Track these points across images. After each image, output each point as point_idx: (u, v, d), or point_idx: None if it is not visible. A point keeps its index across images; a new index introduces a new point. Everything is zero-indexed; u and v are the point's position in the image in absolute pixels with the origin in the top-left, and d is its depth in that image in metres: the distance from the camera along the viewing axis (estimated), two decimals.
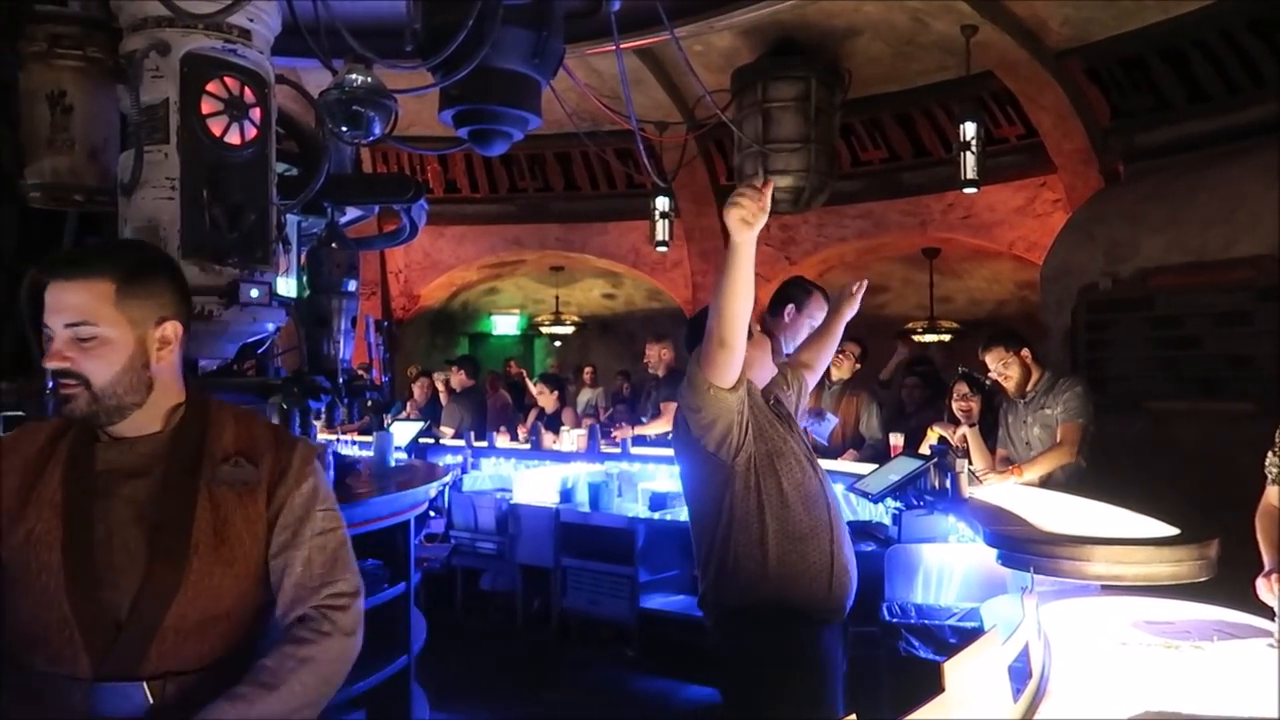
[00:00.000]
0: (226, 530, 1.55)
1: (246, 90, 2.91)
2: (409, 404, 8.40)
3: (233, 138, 2.89)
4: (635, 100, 5.36)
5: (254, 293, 2.88)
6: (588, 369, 10.06)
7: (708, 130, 8.02)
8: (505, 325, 13.62)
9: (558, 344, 13.33)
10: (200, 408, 1.63)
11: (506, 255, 11.32)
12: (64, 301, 1.49)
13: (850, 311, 3.10)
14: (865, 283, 3.10)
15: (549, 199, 10.50)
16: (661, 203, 8.66)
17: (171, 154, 2.80)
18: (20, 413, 2.77)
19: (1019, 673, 1.70)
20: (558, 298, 12.66)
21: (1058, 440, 4.14)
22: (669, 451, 6.05)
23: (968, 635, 2.81)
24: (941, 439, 4.38)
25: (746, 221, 2.18)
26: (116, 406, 1.52)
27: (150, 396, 1.56)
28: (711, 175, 9.56)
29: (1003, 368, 4.28)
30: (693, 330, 2.64)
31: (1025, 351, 4.32)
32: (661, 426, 6.44)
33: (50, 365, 1.49)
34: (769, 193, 2.20)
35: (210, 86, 2.84)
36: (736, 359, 2.33)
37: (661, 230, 8.70)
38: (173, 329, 1.58)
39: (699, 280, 10.20)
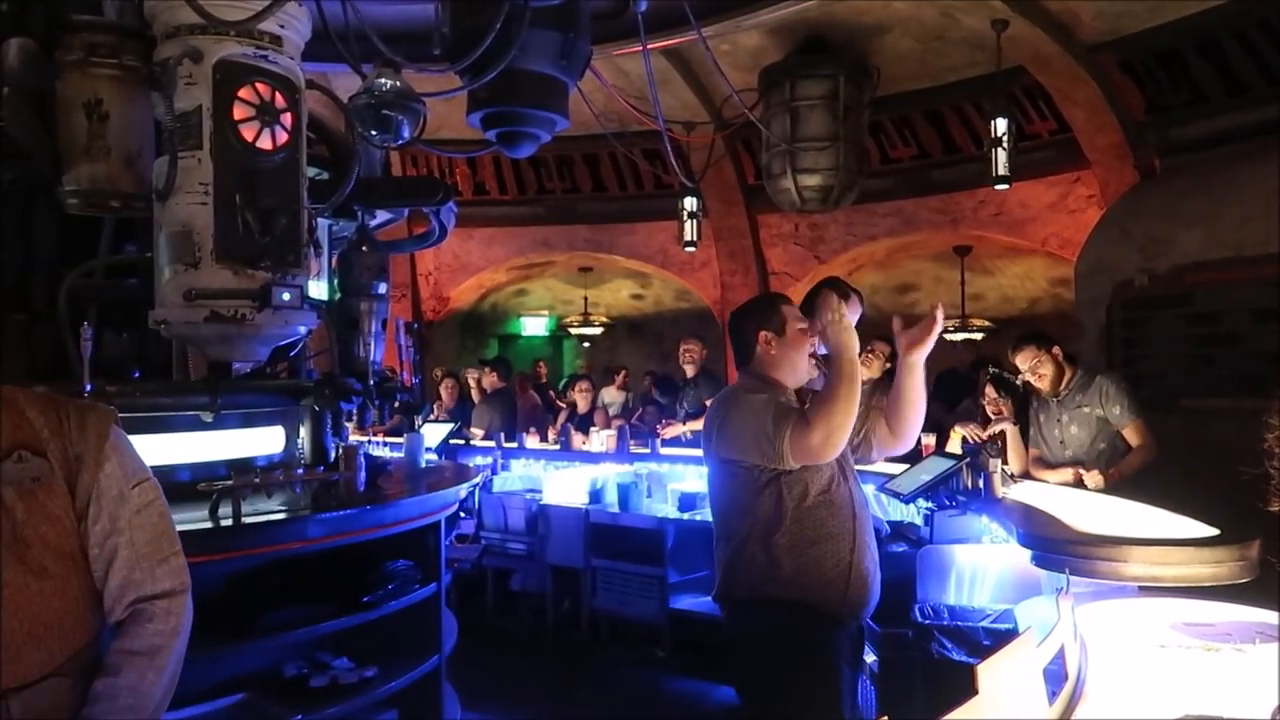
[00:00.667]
0: (27, 535, 1.43)
1: (278, 95, 2.95)
2: (436, 406, 8.45)
3: (264, 143, 2.92)
4: (662, 100, 5.35)
5: (285, 296, 2.91)
6: (621, 372, 10.05)
7: (735, 130, 8.00)
8: (534, 326, 13.67)
9: (586, 345, 13.35)
10: None
11: (535, 257, 11.36)
12: None
13: (929, 343, 2.69)
14: (941, 308, 2.77)
15: (577, 200, 10.52)
16: (689, 203, 8.64)
17: (205, 159, 2.84)
18: None
19: (1054, 675, 1.67)
20: (586, 298, 12.68)
21: (1132, 441, 4.15)
22: (698, 452, 6.03)
23: (1001, 637, 2.77)
24: (965, 439, 4.34)
25: (849, 329, 2.49)
26: None
27: None
28: (739, 174, 9.53)
29: (1036, 366, 4.24)
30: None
31: (1056, 350, 4.27)
32: (688, 427, 6.45)
33: None
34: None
35: (242, 92, 2.88)
36: (823, 456, 2.45)
37: (690, 230, 8.68)
38: None
39: (727, 280, 10.18)
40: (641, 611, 5.49)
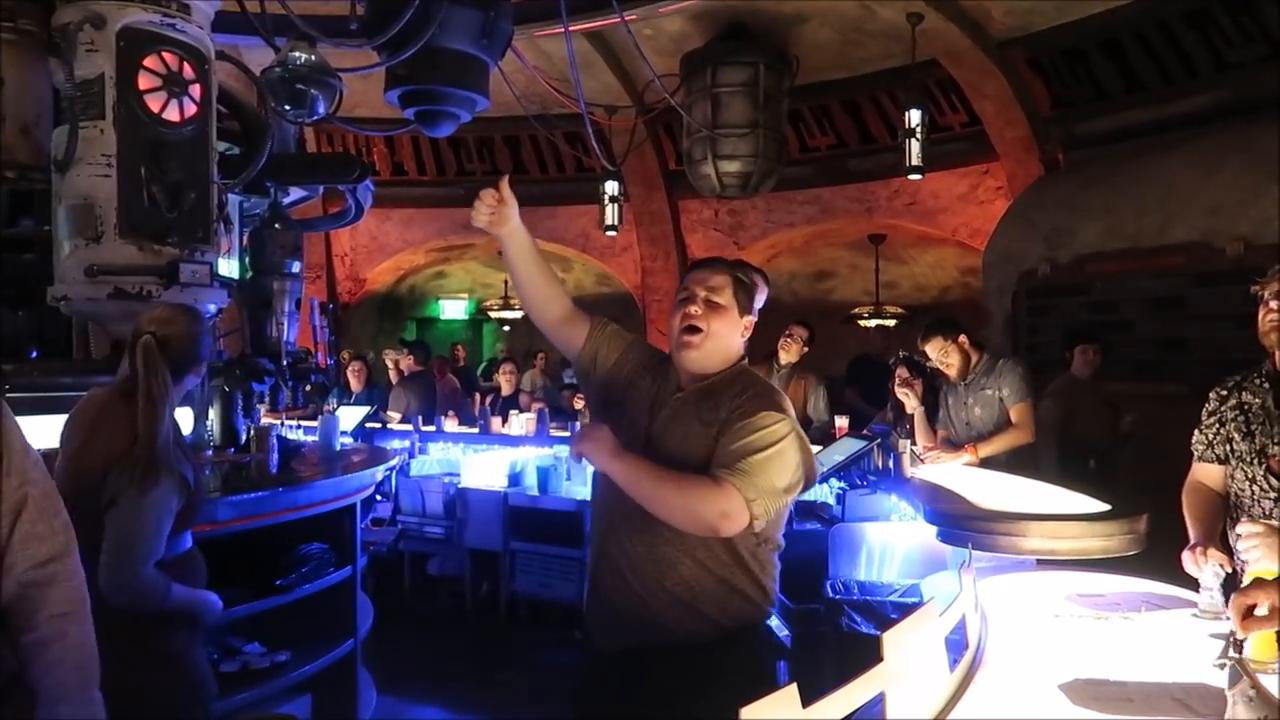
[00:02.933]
0: None
1: (186, 66, 2.86)
2: (344, 389, 8.21)
3: (172, 114, 2.83)
4: (584, 84, 5.34)
5: (194, 272, 2.83)
6: (540, 355, 10.01)
7: (657, 114, 8.02)
8: (453, 310, 13.51)
9: (506, 328, 13.25)
10: None
11: (454, 239, 11.22)
12: None
13: None
14: None
15: (496, 182, 10.40)
16: (611, 187, 8.64)
17: (108, 130, 2.74)
18: None
19: (956, 645, 1.74)
20: (506, 282, 12.56)
21: (1011, 422, 4.27)
22: None
23: (908, 610, 2.86)
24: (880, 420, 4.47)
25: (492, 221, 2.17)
26: None
27: None
28: (661, 160, 9.56)
29: (943, 355, 4.37)
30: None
31: (963, 338, 4.42)
32: None
33: None
34: (504, 186, 2.17)
35: (148, 61, 2.78)
36: None
37: (611, 214, 8.69)
38: None
39: (648, 265, 10.21)
40: (561, 594, 5.50)
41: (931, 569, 3.21)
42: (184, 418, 3.18)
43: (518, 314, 12.66)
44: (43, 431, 1.62)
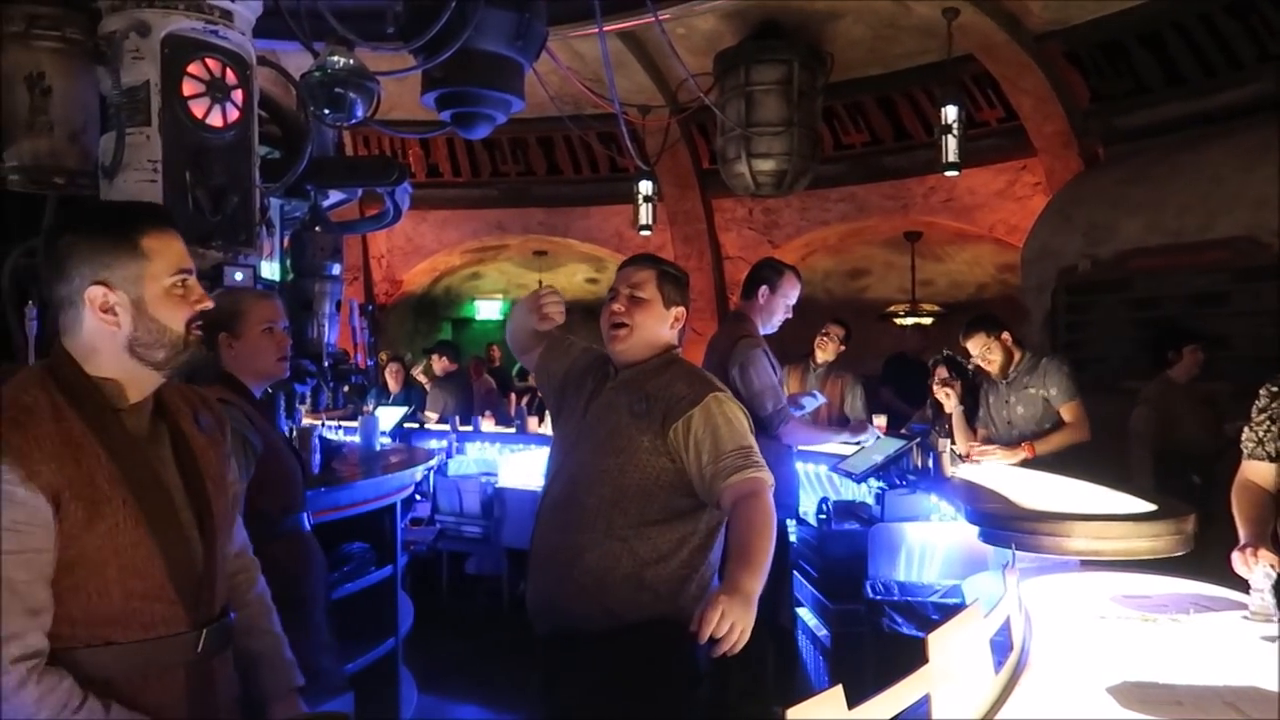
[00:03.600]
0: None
1: (228, 72, 2.89)
2: (383, 390, 8.31)
3: (215, 120, 2.87)
4: (618, 83, 5.34)
5: (238, 276, 2.87)
6: None
7: (690, 113, 8.01)
8: (488, 310, 13.58)
9: None
10: None
11: (489, 240, 11.28)
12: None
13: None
14: None
15: (531, 183, 10.46)
16: (645, 186, 8.64)
17: (153, 136, 2.78)
18: None
19: (1000, 646, 1.73)
20: (540, 282, 12.61)
21: (1065, 420, 4.21)
22: None
23: (950, 611, 2.84)
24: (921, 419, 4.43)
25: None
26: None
27: None
28: (694, 158, 9.55)
29: (985, 352, 4.32)
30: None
31: (1005, 335, 4.37)
32: None
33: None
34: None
35: (192, 68, 2.82)
36: None
37: (645, 214, 8.69)
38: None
39: (681, 264, 10.14)
40: None
41: (972, 569, 3.19)
42: None
43: None
44: None
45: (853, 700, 1.20)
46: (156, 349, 1.50)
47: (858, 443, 4.02)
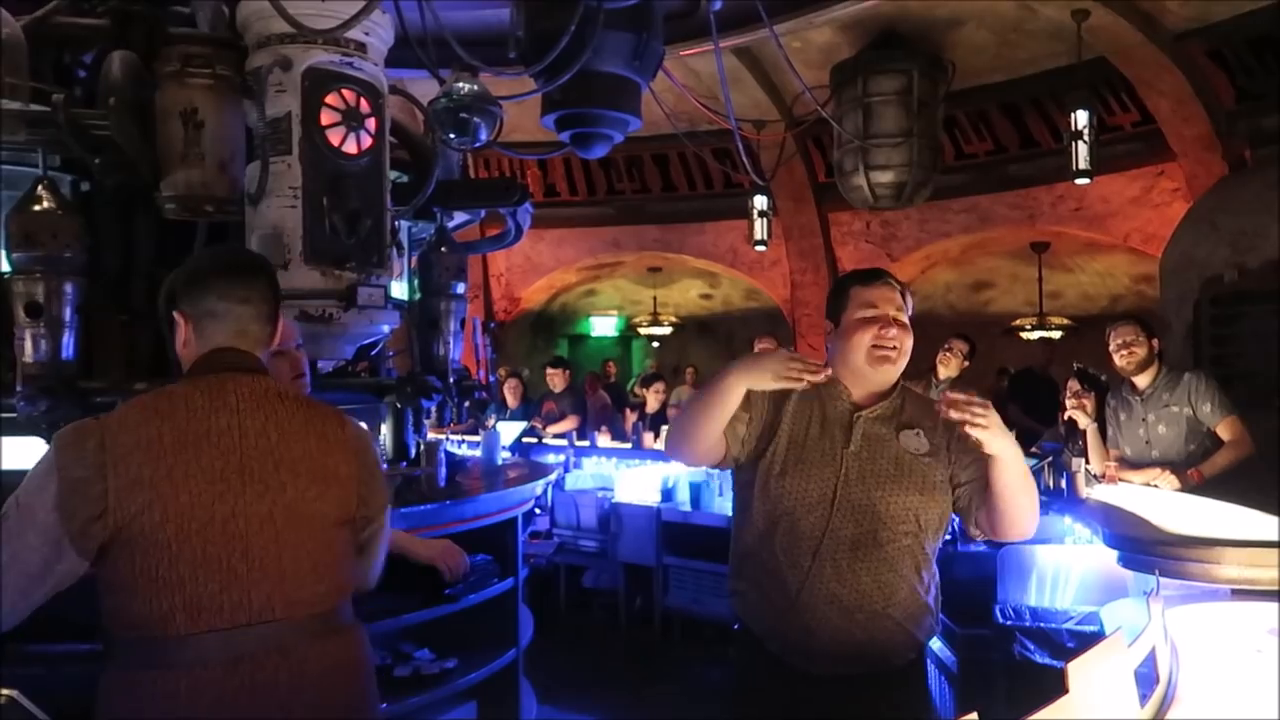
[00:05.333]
0: None
1: (362, 101, 3.03)
2: (503, 404, 8.50)
3: (350, 147, 3.01)
4: (733, 99, 5.34)
5: (371, 296, 2.99)
6: (689, 369, 10.07)
7: (806, 127, 7.95)
8: (603, 327, 13.76)
9: (656, 345, 13.39)
10: None
11: (605, 257, 11.44)
12: None
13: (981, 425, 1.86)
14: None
15: (647, 200, 10.56)
16: (760, 201, 8.62)
17: (294, 164, 2.93)
18: None
19: (1145, 679, 1.64)
20: (655, 298, 12.72)
21: (1224, 438, 3.99)
22: None
23: (1086, 639, 2.72)
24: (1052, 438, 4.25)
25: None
26: None
27: None
28: (810, 172, 9.46)
29: (1131, 343, 4.07)
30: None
31: (1157, 341, 4.16)
32: None
33: None
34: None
35: (329, 98, 2.96)
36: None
37: (760, 229, 8.66)
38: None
39: (797, 279, 10.11)
40: (714, 610, 5.48)
41: (1110, 596, 3.04)
42: None
43: (666, 330, 12.79)
44: None
45: None
46: None
47: None
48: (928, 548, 2.09)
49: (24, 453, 2.50)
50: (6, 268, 2.95)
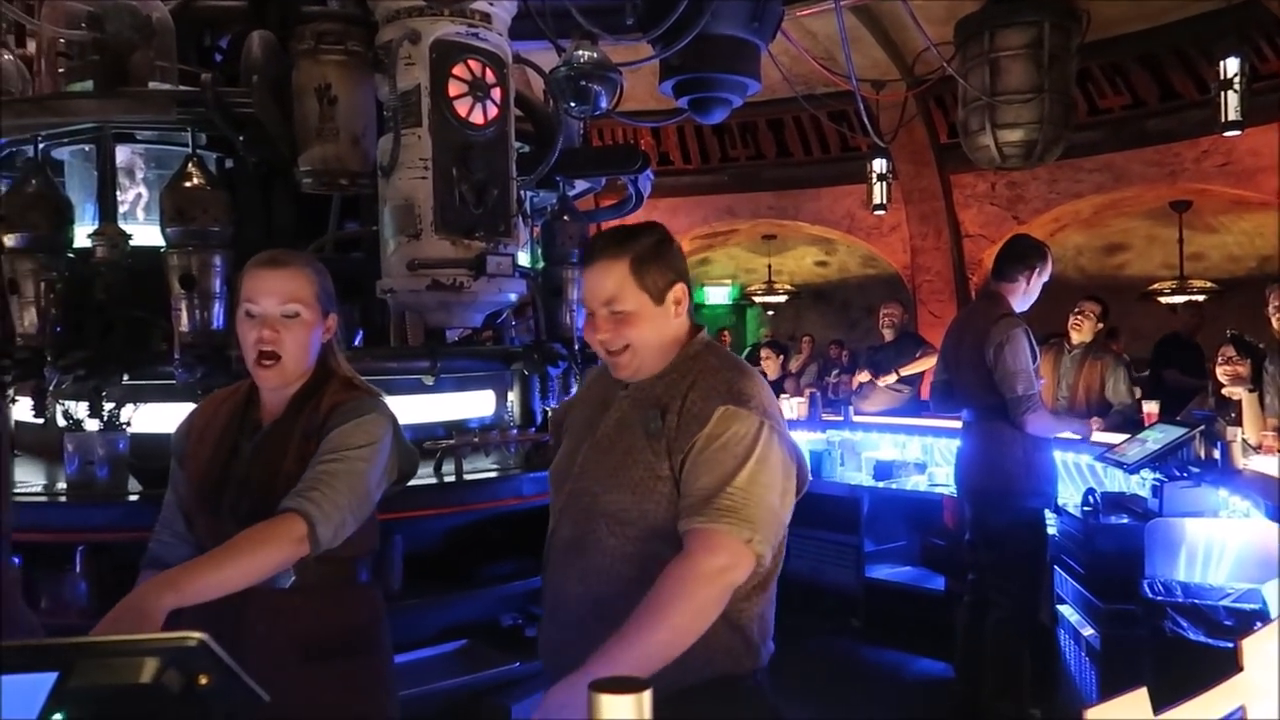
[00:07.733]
0: None
1: (488, 71, 3.06)
2: None
3: (476, 118, 3.05)
4: (852, 60, 5.19)
5: (499, 264, 3.04)
6: (806, 339, 9.94)
7: (928, 87, 7.67)
8: (718, 295, 13.70)
9: (770, 313, 13.26)
10: None
11: (719, 225, 11.36)
12: None
13: None
14: None
15: (761, 166, 10.42)
16: (879, 165, 8.37)
17: (424, 136, 2.99)
18: None
19: None
20: (770, 266, 12.57)
21: None
22: (893, 420, 5.89)
23: (1246, 617, 2.57)
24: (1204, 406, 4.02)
25: None
26: None
27: None
28: (931, 134, 9.17)
29: None
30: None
31: None
32: (923, 365, 6.32)
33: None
34: None
35: (456, 70, 3.00)
36: None
37: (879, 193, 8.42)
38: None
39: (917, 244, 9.83)
40: (836, 579, 5.42)
41: (1270, 573, 2.85)
42: (487, 399, 3.43)
43: (781, 298, 12.64)
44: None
45: (1157, 705, 1.11)
46: None
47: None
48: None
49: (165, 417, 2.65)
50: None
